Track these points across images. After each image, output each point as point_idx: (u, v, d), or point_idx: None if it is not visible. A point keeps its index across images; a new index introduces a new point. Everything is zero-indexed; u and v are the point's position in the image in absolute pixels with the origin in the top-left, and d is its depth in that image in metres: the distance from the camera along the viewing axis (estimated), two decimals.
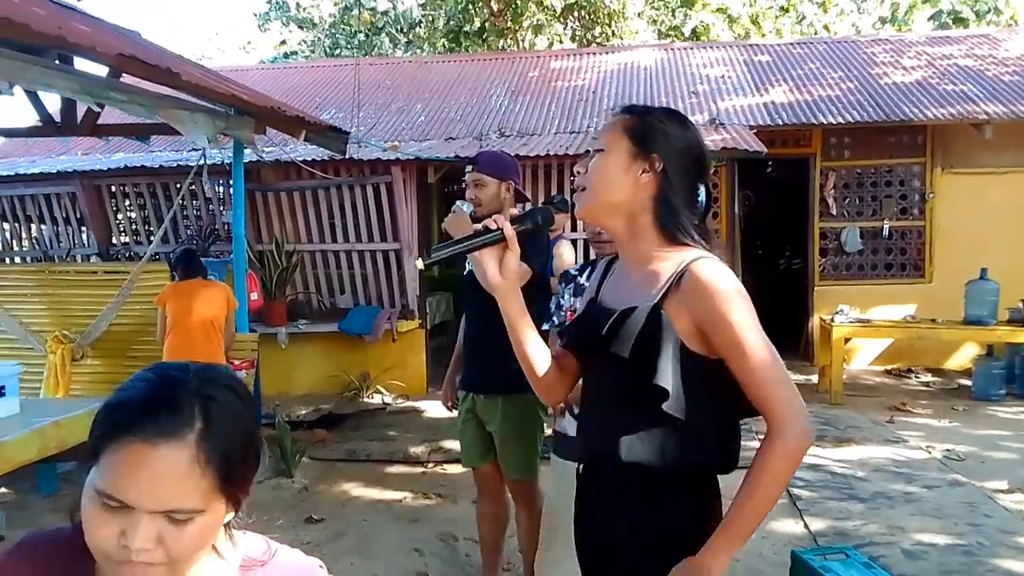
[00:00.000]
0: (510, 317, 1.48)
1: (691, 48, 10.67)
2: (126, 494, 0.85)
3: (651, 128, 1.44)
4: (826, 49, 9.81)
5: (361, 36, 16.50)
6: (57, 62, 3.72)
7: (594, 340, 1.44)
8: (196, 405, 0.89)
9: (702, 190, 1.47)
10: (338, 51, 16.74)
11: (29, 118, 6.83)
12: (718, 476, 1.47)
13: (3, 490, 4.60)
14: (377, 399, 6.94)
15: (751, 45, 10.34)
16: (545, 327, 2.25)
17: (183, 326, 4.63)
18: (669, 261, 1.41)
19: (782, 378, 1.33)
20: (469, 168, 2.91)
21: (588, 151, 1.53)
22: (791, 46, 10.14)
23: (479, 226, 1.44)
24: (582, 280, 2.35)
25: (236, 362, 5.00)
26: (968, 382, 7.03)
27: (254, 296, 5.72)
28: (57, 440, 3.51)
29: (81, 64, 3.95)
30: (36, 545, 0.99)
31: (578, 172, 1.53)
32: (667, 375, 1.35)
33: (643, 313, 1.38)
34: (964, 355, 7.73)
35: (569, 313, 2.27)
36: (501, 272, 1.44)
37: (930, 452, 5.17)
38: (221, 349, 4.74)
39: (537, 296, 1.58)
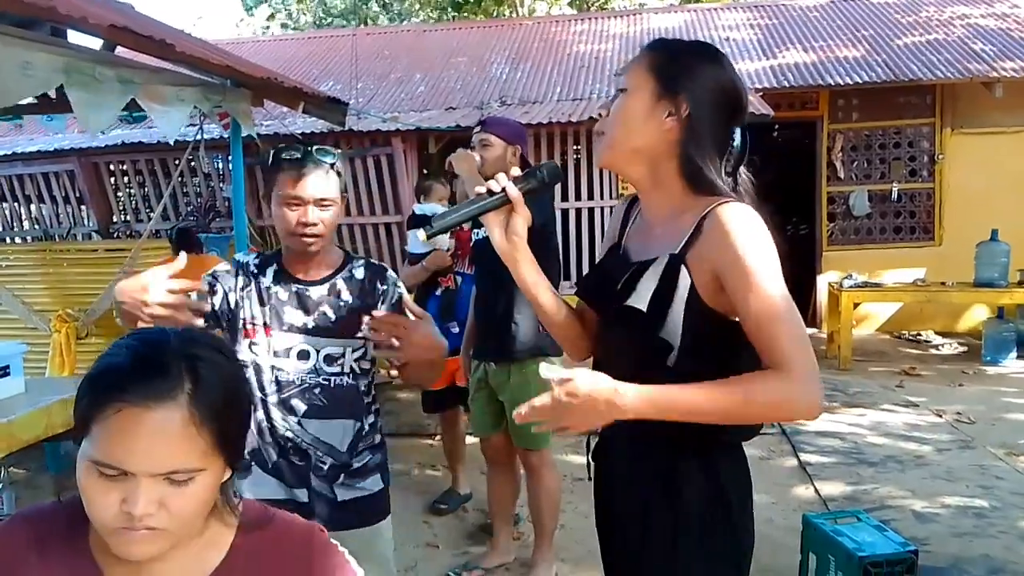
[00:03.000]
0: (524, 282, 1.39)
1: (707, 10, 10.43)
2: (124, 460, 0.84)
3: (679, 66, 1.31)
4: (843, 9, 9.58)
5: (343, 5, 16.17)
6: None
7: (610, 293, 1.34)
8: (183, 365, 0.88)
9: (737, 133, 1.34)
10: (329, 21, 16.47)
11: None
12: (743, 446, 1.38)
13: (12, 469, 4.61)
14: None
15: (766, 7, 10.13)
16: None
17: None
18: (693, 210, 1.29)
19: (796, 332, 1.17)
20: (477, 128, 2.89)
21: (595, 116, 1.45)
22: (808, 8, 9.90)
23: (482, 189, 1.36)
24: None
25: None
26: (979, 344, 6.98)
27: None
28: (64, 418, 3.50)
29: (74, 38, 3.88)
30: (29, 518, 0.99)
31: (599, 115, 1.40)
32: (676, 330, 1.25)
33: (661, 264, 1.27)
34: (974, 318, 7.66)
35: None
36: (508, 237, 1.36)
37: (940, 416, 5.13)
38: None
39: (543, 254, 1.50)
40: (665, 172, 1.33)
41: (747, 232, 1.22)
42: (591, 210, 7.17)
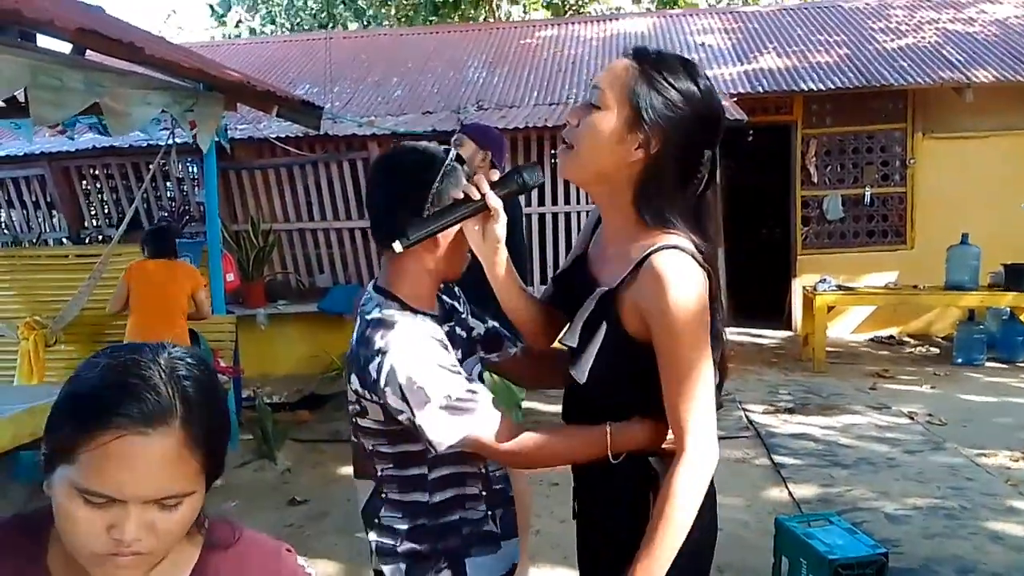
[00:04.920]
0: (497, 280, 1.39)
1: (679, 16, 10.53)
2: (118, 489, 0.82)
3: (658, 97, 1.26)
4: (816, 14, 9.69)
5: (316, 6, 16.04)
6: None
7: (562, 302, 1.40)
8: (173, 388, 0.86)
9: (707, 155, 1.31)
10: (299, 21, 16.35)
11: None
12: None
13: None
14: None
15: (739, 12, 10.22)
16: None
17: (144, 308, 4.53)
18: (640, 243, 1.29)
19: (699, 396, 1.24)
20: (459, 128, 3.00)
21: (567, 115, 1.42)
22: (781, 12, 10.00)
23: (458, 193, 1.33)
24: None
25: (221, 363, 4.97)
26: (950, 347, 7.07)
27: (230, 277, 5.62)
28: (32, 427, 3.44)
29: (44, 42, 3.82)
30: None
31: (568, 123, 1.35)
32: (588, 359, 1.31)
33: (594, 300, 1.32)
34: (946, 320, 7.77)
35: None
36: (486, 241, 1.34)
37: (912, 418, 5.19)
38: (184, 332, 4.64)
39: (513, 249, 1.49)
40: (621, 198, 1.33)
41: (676, 288, 1.23)
42: (567, 215, 7.18)
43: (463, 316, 1.54)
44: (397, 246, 1.28)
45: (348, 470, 5.02)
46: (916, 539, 3.36)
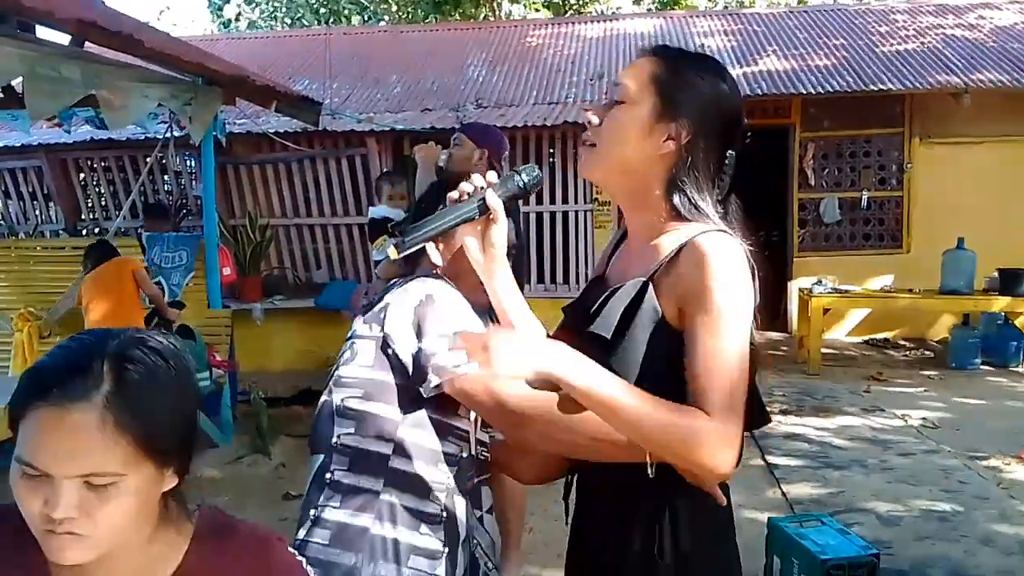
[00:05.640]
0: (497, 294, 1.25)
1: (682, 17, 10.53)
2: (41, 461, 0.84)
3: (684, 86, 1.21)
4: (818, 17, 9.72)
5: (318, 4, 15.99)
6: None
7: (583, 319, 1.24)
8: (107, 367, 0.87)
9: (731, 156, 1.24)
10: (300, 17, 16.28)
11: None
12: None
13: None
14: None
15: (741, 14, 10.22)
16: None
17: (101, 312, 4.54)
18: (675, 233, 1.21)
19: (736, 391, 1.09)
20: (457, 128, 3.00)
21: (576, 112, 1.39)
22: (784, 15, 10.02)
23: (454, 195, 1.21)
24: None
25: (217, 357, 4.96)
26: (945, 351, 7.09)
27: (227, 271, 5.62)
28: None
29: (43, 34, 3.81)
30: None
31: (588, 122, 1.27)
32: (636, 357, 1.18)
33: (632, 288, 1.20)
34: (941, 325, 7.80)
35: None
36: (484, 248, 1.23)
37: (906, 420, 5.21)
38: (141, 319, 4.68)
39: (517, 264, 1.41)
40: (652, 194, 1.25)
41: (723, 267, 1.13)
42: (565, 214, 7.19)
43: None
44: (392, 252, 1.17)
45: None
46: (908, 541, 3.37)
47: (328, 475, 1.34)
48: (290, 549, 1.05)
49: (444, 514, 1.33)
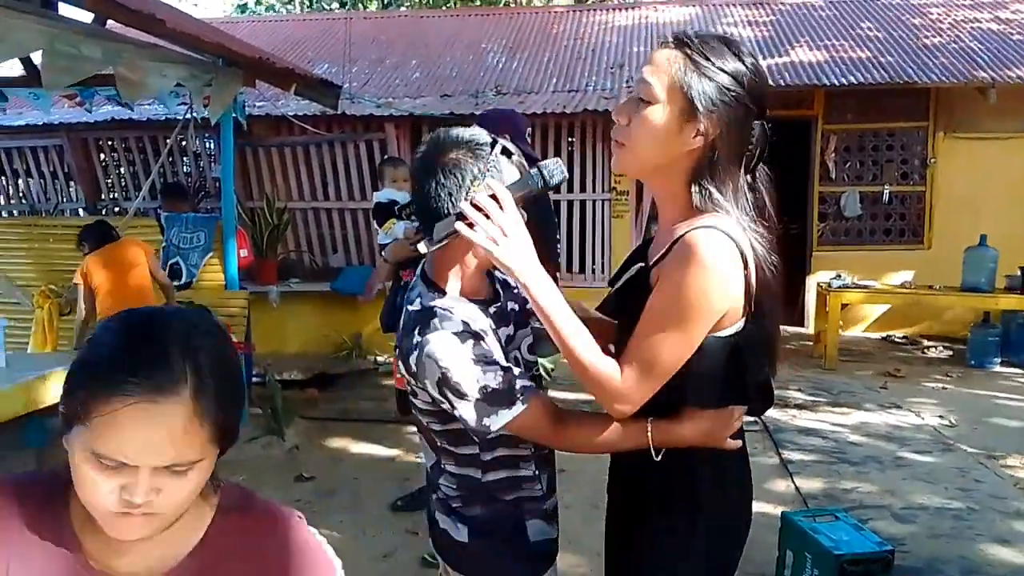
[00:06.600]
0: (538, 299, 1.27)
1: (717, 5, 10.25)
2: (127, 454, 0.84)
3: (709, 80, 1.23)
4: (853, 8, 9.48)
5: None
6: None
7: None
8: (185, 358, 0.86)
9: (757, 126, 1.28)
10: (320, 0, 16.24)
11: (13, 69, 6.69)
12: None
13: None
14: (369, 359, 6.91)
15: (770, 4, 9.99)
16: None
17: (116, 291, 4.50)
18: (687, 223, 1.27)
19: (653, 366, 1.24)
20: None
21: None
22: (819, 6, 9.72)
23: (471, 212, 1.25)
24: None
25: (233, 339, 4.97)
26: (964, 349, 7.01)
27: (244, 253, 5.64)
28: (44, 394, 3.48)
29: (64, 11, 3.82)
30: (8, 484, 0.97)
31: (617, 121, 1.31)
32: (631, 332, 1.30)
33: (634, 272, 1.33)
34: (961, 322, 7.69)
35: None
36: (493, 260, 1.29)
37: (923, 418, 5.16)
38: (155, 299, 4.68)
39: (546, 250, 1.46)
40: (677, 186, 1.31)
41: (698, 267, 1.20)
42: (583, 203, 7.15)
43: (515, 289, 1.52)
44: (423, 247, 1.29)
45: (356, 448, 5.09)
46: (922, 539, 3.34)
47: (441, 465, 1.47)
48: (310, 528, 1.06)
49: (537, 472, 1.48)
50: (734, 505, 1.39)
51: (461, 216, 1.25)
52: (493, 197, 1.24)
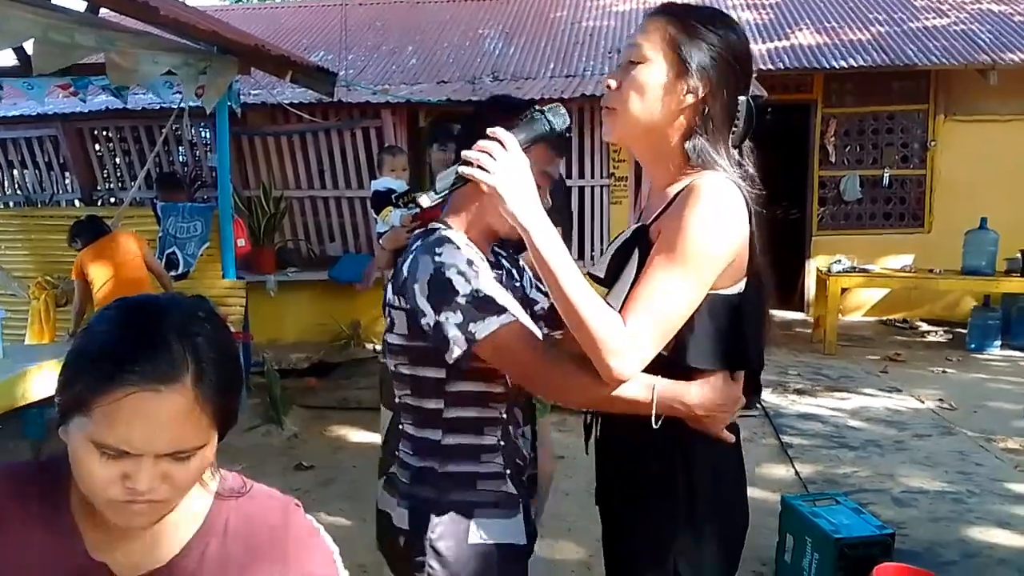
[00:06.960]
0: (536, 244, 1.18)
1: None
2: (130, 443, 0.83)
3: (699, 40, 1.25)
4: None
5: None
6: None
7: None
8: (185, 345, 0.86)
9: (742, 102, 1.28)
10: None
11: (6, 59, 6.64)
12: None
13: None
14: (368, 348, 6.90)
15: None
16: None
17: (112, 284, 4.49)
18: (685, 180, 1.27)
19: (661, 319, 1.17)
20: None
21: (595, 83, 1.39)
22: None
23: (472, 154, 1.18)
24: None
25: (231, 328, 4.96)
26: (964, 332, 7.00)
27: (241, 242, 5.62)
28: (42, 385, 3.47)
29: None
30: (8, 472, 0.97)
31: (607, 87, 1.31)
32: (623, 288, 1.25)
33: (629, 232, 1.30)
34: (961, 306, 7.69)
35: None
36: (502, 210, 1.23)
37: (923, 402, 5.16)
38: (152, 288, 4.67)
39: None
40: (669, 146, 1.30)
41: (707, 208, 1.19)
42: (581, 189, 7.12)
43: (518, 283, 1.49)
44: (424, 199, 1.21)
45: (355, 437, 5.08)
46: (922, 522, 3.34)
47: (400, 427, 1.43)
48: (308, 515, 1.07)
49: (502, 443, 1.39)
50: (732, 491, 1.37)
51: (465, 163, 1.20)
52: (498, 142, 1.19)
